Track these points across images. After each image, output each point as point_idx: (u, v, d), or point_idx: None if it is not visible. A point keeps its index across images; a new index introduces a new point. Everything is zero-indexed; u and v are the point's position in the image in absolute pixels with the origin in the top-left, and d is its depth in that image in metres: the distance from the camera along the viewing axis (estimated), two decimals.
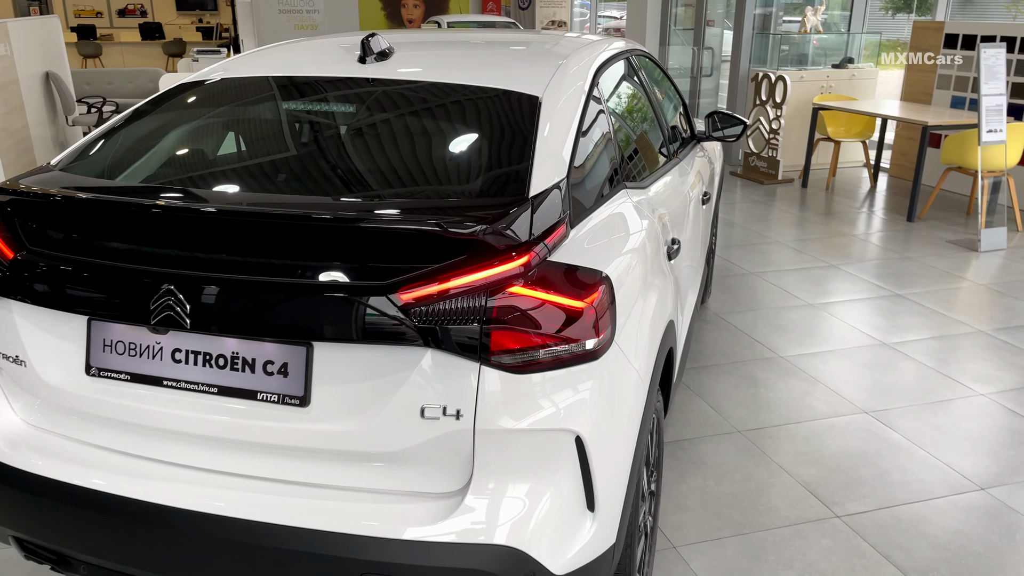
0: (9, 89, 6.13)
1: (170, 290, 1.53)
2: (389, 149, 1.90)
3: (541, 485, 1.55)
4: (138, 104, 2.18)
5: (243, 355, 1.56)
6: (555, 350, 1.51)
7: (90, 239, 1.66)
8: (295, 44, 2.56)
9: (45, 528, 1.72)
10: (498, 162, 1.81)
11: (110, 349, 1.64)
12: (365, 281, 1.49)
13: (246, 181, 1.88)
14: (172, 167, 1.97)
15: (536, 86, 2.00)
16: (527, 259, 1.51)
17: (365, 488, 1.57)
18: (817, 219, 6.38)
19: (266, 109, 2.14)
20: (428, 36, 2.82)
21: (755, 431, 3.15)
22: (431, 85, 2.07)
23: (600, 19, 14.95)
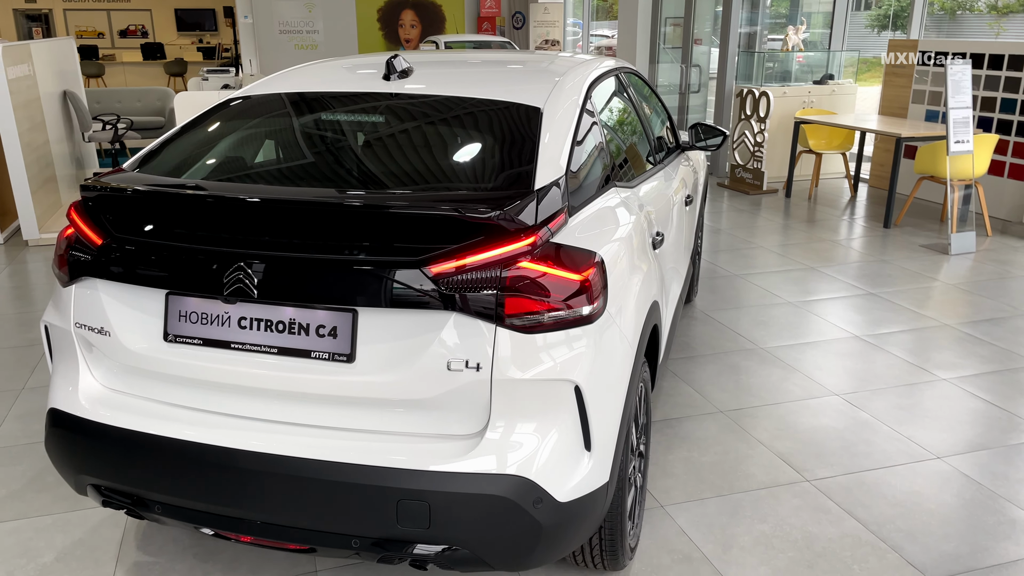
0: (32, 107, 6.46)
1: (240, 266, 1.85)
2: (416, 151, 2.24)
3: (546, 426, 1.87)
4: (193, 116, 2.51)
5: (299, 321, 1.88)
6: (557, 314, 1.84)
7: (169, 226, 1.98)
8: (325, 64, 2.89)
9: (125, 474, 2.03)
10: (508, 162, 2.15)
11: (185, 319, 1.96)
12: (401, 257, 1.81)
13: (299, 176, 2.22)
14: (233, 166, 2.31)
15: (538, 99, 2.34)
16: (534, 239, 1.84)
17: (400, 431, 1.88)
18: (799, 226, 6.74)
19: (309, 118, 2.48)
20: (441, 56, 3.16)
21: (736, 411, 3.47)
22: (447, 98, 2.41)
23: (592, 38, 15.40)
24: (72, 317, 2.09)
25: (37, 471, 3.01)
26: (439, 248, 1.80)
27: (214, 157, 2.35)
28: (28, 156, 6.16)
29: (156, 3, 19.69)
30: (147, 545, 2.57)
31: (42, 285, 5.40)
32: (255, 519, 1.94)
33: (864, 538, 2.60)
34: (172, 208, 2.01)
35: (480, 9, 15.28)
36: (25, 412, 3.49)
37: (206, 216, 1.96)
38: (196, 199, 1.98)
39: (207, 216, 1.96)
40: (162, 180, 2.14)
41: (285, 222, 1.89)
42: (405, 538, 1.86)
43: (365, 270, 1.82)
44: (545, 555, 1.94)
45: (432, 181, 2.14)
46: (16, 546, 2.58)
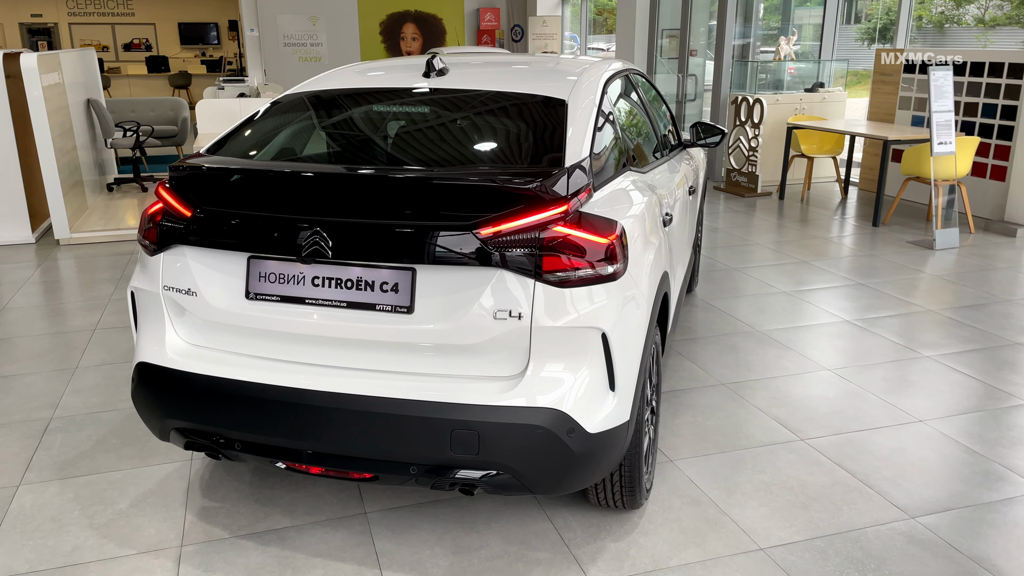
0: (61, 114, 6.77)
1: (318, 231, 2.17)
2: (459, 136, 2.57)
3: (577, 368, 2.18)
4: (258, 109, 2.84)
5: (365, 279, 2.19)
6: (586, 272, 2.16)
7: (250, 198, 2.29)
8: (364, 65, 3.23)
9: (208, 416, 2.33)
10: (540, 146, 2.47)
11: (264, 279, 2.27)
12: (454, 222, 2.13)
13: (359, 158, 2.55)
14: (299, 150, 2.63)
15: (562, 93, 2.67)
16: (566, 207, 2.16)
17: (453, 373, 2.19)
18: (793, 225, 7.08)
19: (363, 109, 2.81)
20: (470, 58, 3.50)
21: (736, 384, 3.79)
22: (483, 92, 2.74)
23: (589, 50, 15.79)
24: (161, 281, 2.40)
25: (102, 435, 3.30)
26: (486, 215, 2.12)
27: (279, 144, 2.67)
28: (59, 160, 6.47)
29: (159, 17, 20.06)
30: (212, 493, 2.86)
31: (76, 280, 5.69)
32: (325, 451, 2.24)
33: (852, 484, 2.92)
34: (252, 183, 2.33)
35: (480, 22, 15.66)
36: (81, 387, 3.79)
37: (284, 190, 2.27)
38: (274, 174, 2.30)
39: (285, 189, 2.27)
40: (240, 161, 2.46)
41: (353, 193, 2.21)
42: (457, 464, 2.16)
43: (423, 233, 2.13)
44: (576, 480, 2.25)
45: (475, 160, 2.47)
46: (93, 495, 2.87)
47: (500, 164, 2.43)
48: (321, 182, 2.25)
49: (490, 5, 15.59)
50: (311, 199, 2.23)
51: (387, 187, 2.19)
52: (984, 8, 21.20)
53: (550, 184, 2.14)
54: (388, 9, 15.13)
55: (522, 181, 2.13)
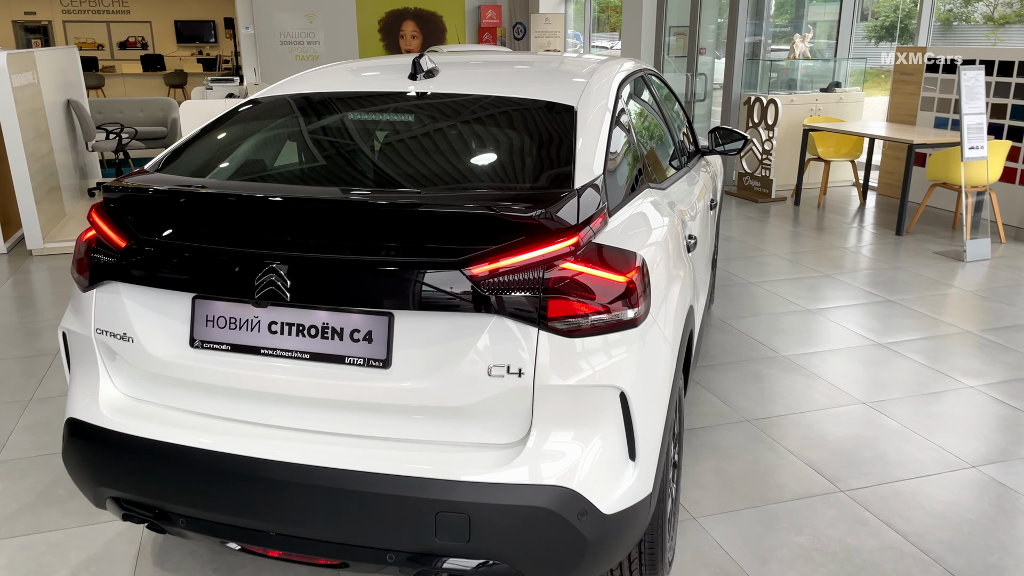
0: (36, 116, 6.39)
1: (273, 268, 1.78)
2: (448, 150, 2.18)
3: (590, 435, 1.79)
4: (214, 118, 2.44)
5: (332, 325, 1.81)
6: (601, 317, 1.77)
7: (196, 227, 1.90)
8: (346, 65, 2.83)
9: (147, 486, 1.94)
10: (544, 161, 2.08)
11: (212, 323, 1.89)
12: (439, 258, 1.74)
13: (329, 177, 2.15)
14: (259, 167, 2.24)
15: (570, 98, 2.28)
16: (576, 239, 1.77)
17: (438, 440, 1.80)
18: (810, 234, 6.68)
19: (337, 118, 2.41)
20: (464, 57, 3.11)
21: (762, 420, 3.39)
22: (477, 97, 2.34)
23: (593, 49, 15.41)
24: (93, 323, 2.01)
25: (47, 484, 2.92)
26: (478, 249, 1.73)
27: (239, 158, 2.28)
28: (33, 165, 6.09)
29: (156, 15, 19.70)
30: (165, 560, 2.48)
31: (47, 295, 5.31)
32: (285, 533, 1.86)
33: (906, 550, 2.52)
34: (199, 208, 1.94)
35: (481, 20, 15.30)
36: (33, 423, 3.40)
37: (235, 216, 1.89)
38: (225, 199, 1.91)
39: (236, 216, 1.89)
40: (187, 180, 2.07)
41: (318, 222, 1.82)
42: (443, 552, 1.78)
43: (401, 271, 1.75)
44: (588, 570, 1.85)
45: (467, 181, 2.08)
46: (29, 562, 2.49)
47: (496, 185, 2.04)
48: (278, 208, 1.86)
49: (491, 2, 15.20)
50: (266, 228, 1.85)
51: (357, 215, 1.81)
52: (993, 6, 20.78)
53: (556, 210, 1.76)
54: (387, 6, 14.78)
55: (522, 207, 1.74)
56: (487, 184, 2.04)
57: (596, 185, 1.94)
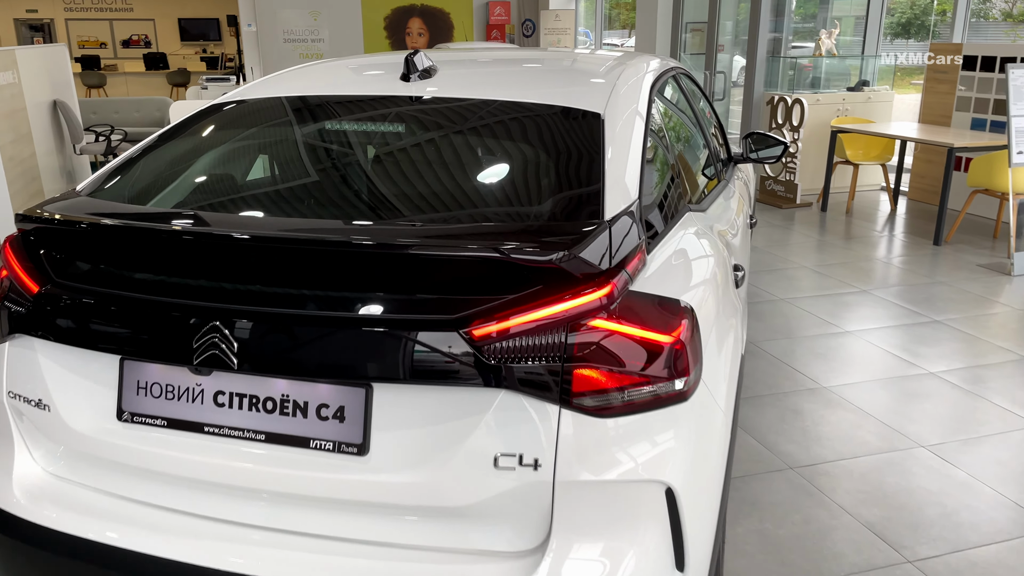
0: (16, 117, 6.02)
1: (215, 326, 1.38)
2: (446, 170, 1.77)
3: (627, 543, 1.38)
4: (169, 126, 2.05)
5: (294, 398, 1.41)
6: (643, 391, 1.36)
7: (125, 270, 1.51)
8: (331, 63, 2.43)
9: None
10: (567, 183, 1.67)
11: (145, 392, 1.49)
12: (431, 315, 1.34)
13: (297, 205, 1.74)
14: (213, 191, 1.83)
15: (595, 102, 1.87)
16: (610, 289, 1.36)
17: (431, 547, 1.40)
18: (840, 243, 6.25)
19: (310, 129, 2.00)
20: (467, 54, 2.70)
21: (808, 468, 2.97)
22: (482, 102, 1.94)
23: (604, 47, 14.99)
24: (4, 385, 1.62)
25: None
26: (483, 302, 1.33)
27: (193, 178, 1.88)
28: (11, 170, 5.72)
29: (159, 13, 19.38)
30: None
31: None
32: None
33: None
34: (130, 246, 1.54)
35: (489, 16, 14.89)
36: None
37: (173, 258, 1.49)
38: (160, 235, 1.50)
39: (174, 258, 1.49)
40: (121, 209, 1.67)
41: (277, 267, 1.42)
42: None
43: (382, 332, 1.35)
44: None
45: (468, 211, 1.67)
46: None
47: (504, 217, 1.63)
48: (222, 248, 1.45)
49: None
50: (206, 275, 1.45)
51: (324, 258, 1.41)
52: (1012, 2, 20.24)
53: (583, 250, 1.36)
54: (393, 3, 14.40)
55: (538, 248, 1.34)
56: (493, 215, 1.63)
57: (631, 213, 1.54)
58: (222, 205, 1.75)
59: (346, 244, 1.39)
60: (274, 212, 1.69)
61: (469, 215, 1.62)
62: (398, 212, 1.69)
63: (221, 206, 1.74)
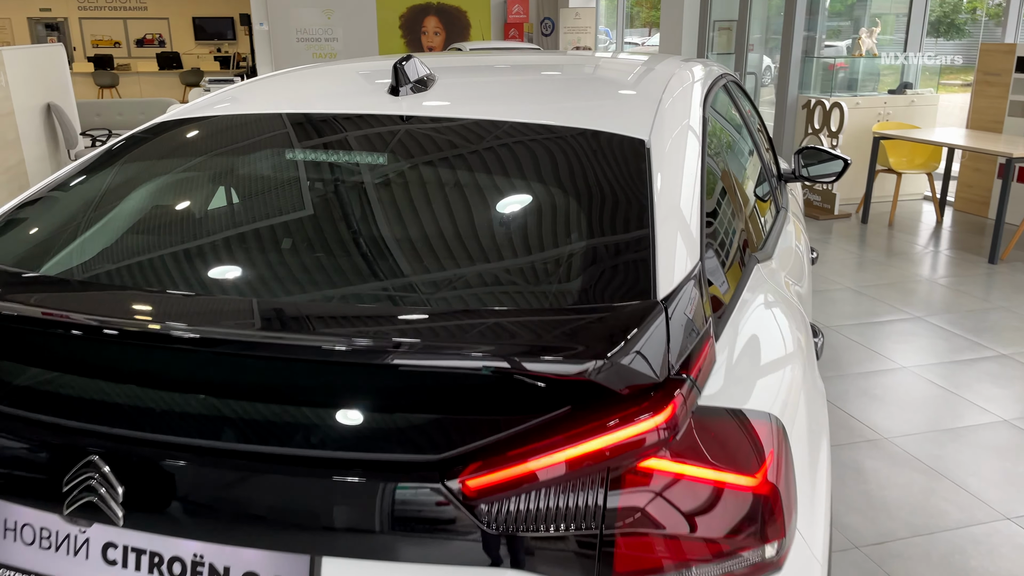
0: (2, 122, 5.67)
1: (92, 462, 0.95)
2: (434, 221, 1.32)
3: None
4: (97, 152, 1.62)
5: (211, 561, 0.98)
6: (717, 567, 0.92)
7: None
8: (306, 71, 2.01)
9: None
10: (602, 243, 1.23)
11: (13, 535, 1.07)
12: (404, 455, 0.90)
13: (226, 275, 1.30)
14: (123, 250, 1.40)
15: (637, 125, 1.43)
16: (670, 411, 0.92)
17: None
18: (885, 260, 5.75)
19: (264, 163, 1.56)
20: (472, 59, 2.26)
21: (876, 547, 2.51)
22: (489, 125, 1.49)
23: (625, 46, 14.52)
24: None
25: None
26: (479, 435, 0.89)
27: (102, 231, 1.44)
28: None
29: (174, 12, 19.14)
30: None
31: None
32: None
33: None
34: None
35: (507, 15, 14.49)
36: None
37: (39, 356, 1.06)
38: (20, 322, 1.07)
39: (41, 356, 1.06)
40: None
41: (186, 376, 0.99)
42: None
43: (335, 478, 0.91)
44: None
45: (463, 289, 1.21)
46: None
47: (513, 297, 1.17)
48: (110, 346, 1.03)
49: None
50: (88, 384, 1.02)
51: (251, 366, 0.98)
52: None
53: (627, 352, 0.92)
54: (408, 1, 14.03)
55: (560, 352, 0.91)
56: (498, 295, 1.17)
57: (694, 286, 1.10)
58: (129, 272, 1.30)
59: (282, 346, 0.96)
60: (194, 284, 1.24)
61: (463, 296, 1.17)
62: (365, 291, 1.23)
63: (128, 273, 1.30)
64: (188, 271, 1.26)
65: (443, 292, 1.17)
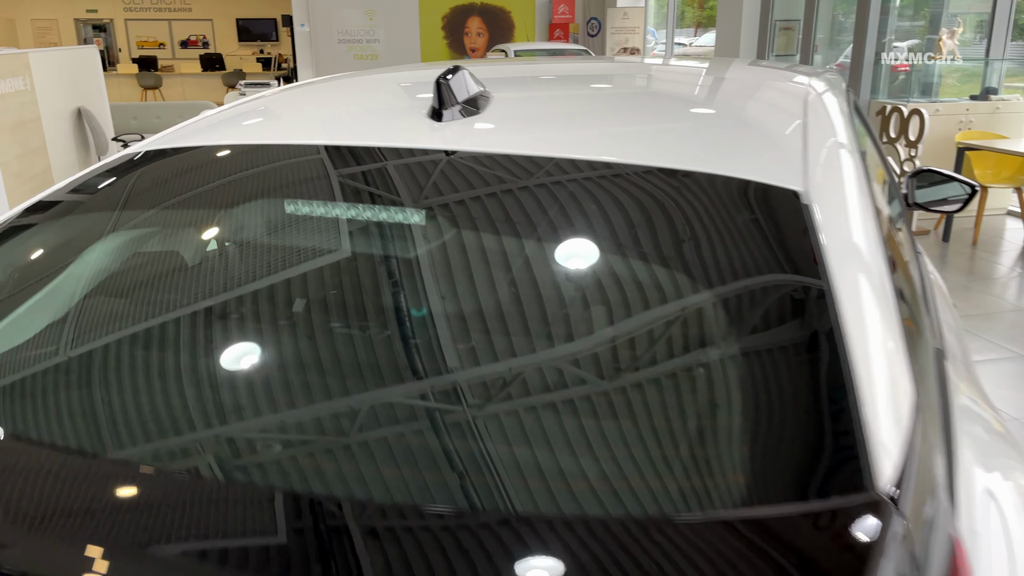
0: (27, 128, 5.41)
1: None
2: (490, 346, 0.87)
3: None
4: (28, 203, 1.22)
5: None
6: None
7: None
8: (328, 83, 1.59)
9: None
10: (763, 397, 0.77)
11: None
12: None
13: (209, 408, 0.85)
14: (91, 337, 0.97)
15: (786, 169, 0.98)
16: None
17: None
18: (972, 284, 5.19)
19: (260, 216, 1.12)
20: (533, 68, 1.83)
21: None
22: (564, 165, 1.05)
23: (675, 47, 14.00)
24: None
25: None
26: None
27: (75, 314, 1.03)
28: (16, 188, 5.10)
29: (218, 13, 19.13)
30: None
31: None
32: None
33: None
34: None
35: (552, 15, 14.08)
36: None
37: None
38: None
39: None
40: None
41: None
42: None
43: None
44: None
45: (529, 476, 0.74)
46: None
47: (635, 482, 0.72)
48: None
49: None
50: None
51: None
52: None
53: None
54: (452, 2, 13.73)
55: None
56: (612, 476, 0.72)
57: (923, 456, 0.65)
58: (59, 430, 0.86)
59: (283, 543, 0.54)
60: (175, 455, 0.79)
61: (551, 470, 0.72)
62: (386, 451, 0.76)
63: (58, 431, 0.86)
64: (164, 428, 0.82)
65: (528, 459, 0.73)
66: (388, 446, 0.72)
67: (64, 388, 0.85)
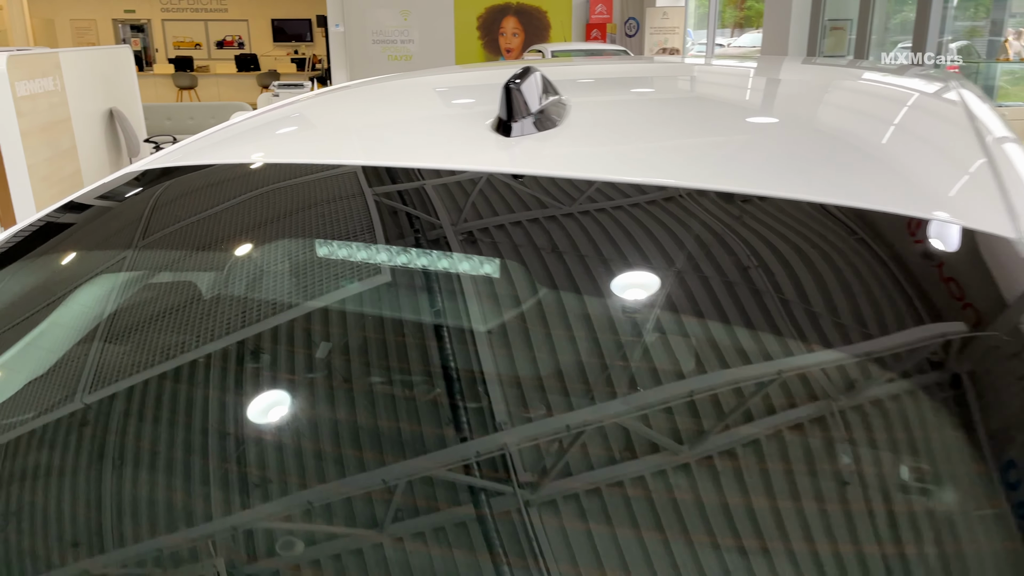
0: (56, 130, 5.29)
1: None
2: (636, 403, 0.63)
3: None
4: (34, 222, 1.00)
5: None
6: None
7: None
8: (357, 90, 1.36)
9: None
10: None
11: None
12: None
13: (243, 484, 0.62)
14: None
15: (987, 207, 0.72)
16: None
17: None
18: None
19: (290, 254, 0.87)
20: (606, 69, 1.57)
21: None
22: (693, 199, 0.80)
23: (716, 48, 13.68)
24: None
25: None
26: None
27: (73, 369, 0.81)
28: (44, 192, 4.98)
29: (253, 13, 19.19)
30: None
31: None
32: None
33: None
34: None
35: (589, 15, 13.85)
36: None
37: None
38: None
39: None
40: None
41: None
42: None
43: None
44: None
45: None
46: None
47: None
48: None
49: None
50: None
51: None
52: None
53: None
54: (487, 2, 13.56)
55: None
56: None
57: None
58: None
59: None
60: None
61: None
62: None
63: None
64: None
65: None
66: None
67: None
